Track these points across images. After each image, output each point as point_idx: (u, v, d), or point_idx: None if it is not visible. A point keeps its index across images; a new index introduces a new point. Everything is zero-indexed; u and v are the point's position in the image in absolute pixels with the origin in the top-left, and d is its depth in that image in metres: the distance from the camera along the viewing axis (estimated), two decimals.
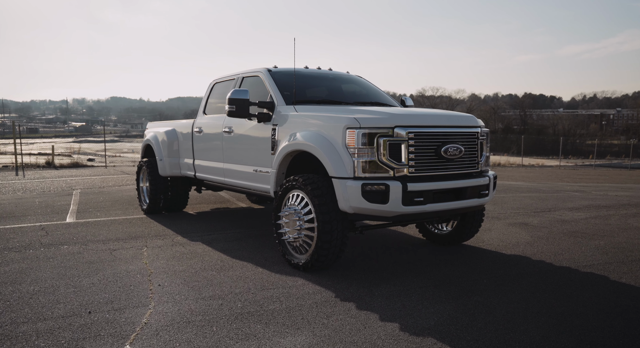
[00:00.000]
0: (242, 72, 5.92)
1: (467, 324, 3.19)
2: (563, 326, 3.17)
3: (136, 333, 3.06)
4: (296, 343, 2.91)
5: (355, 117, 4.04)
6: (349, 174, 4.01)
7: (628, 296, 3.78)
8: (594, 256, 4.98)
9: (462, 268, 4.52)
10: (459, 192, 4.29)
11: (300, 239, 4.31)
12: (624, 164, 37.01)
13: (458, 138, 4.32)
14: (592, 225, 6.70)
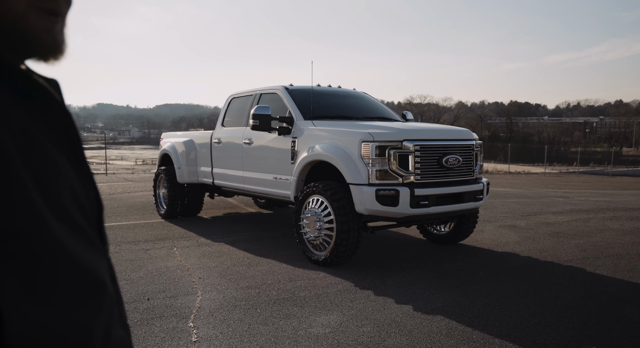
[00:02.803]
0: (260, 89, 6.56)
1: (468, 306, 3.85)
2: (547, 306, 3.84)
3: (194, 314, 3.66)
4: (330, 320, 3.54)
5: (370, 132, 4.70)
6: (364, 181, 4.66)
7: (601, 283, 4.47)
8: (574, 252, 5.68)
9: (460, 262, 5.18)
10: (458, 196, 4.96)
11: (320, 238, 4.94)
12: (605, 171, 38.21)
13: (457, 150, 5.00)
14: (573, 227, 7.43)
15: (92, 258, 0.80)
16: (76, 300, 0.71)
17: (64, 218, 0.73)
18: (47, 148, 0.74)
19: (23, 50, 0.77)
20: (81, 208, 0.79)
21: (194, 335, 3.29)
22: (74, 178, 0.79)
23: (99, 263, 0.81)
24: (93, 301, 0.75)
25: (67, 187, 0.76)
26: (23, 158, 0.68)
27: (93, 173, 0.85)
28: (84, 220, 0.79)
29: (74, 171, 0.80)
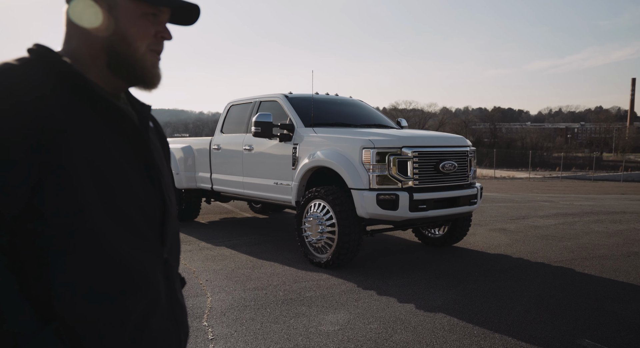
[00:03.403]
0: (259, 97, 6.74)
1: (467, 304, 4.06)
2: (540, 303, 4.07)
3: (206, 314, 3.81)
4: (338, 318, 3.72)
5: (370, 139, 4.91)
6: (365, 186, 4.86)
7: (589, 282, 4.72)
8: (562, 254, 5.95)
9: (456, 264, 5.41)
10: (454, 200, 5.19)
11: (322, 241, 5.12)
12: (587, 176, 39.05)
13: (452, 156, 5.23)
14: (560, 230, 7.72)
15: (141, 256, 0.99)
16: (112, 288, 0.92)
17: (119, 219, 0.94)
18: (116, 160, 0.96)
19: (136, 80, 1.02)
20: (143, 212, 1.00)
21: (210, 333, 3.45)
22: (139, 187, 1.00)
23: (148, 261, 1.00)
24: (130, 292, 0.95)
25: (131, 193, 0.97)
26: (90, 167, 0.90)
27: (163, 185, 1.05)
28: (144, 223, 0.99)
29: (141, 181, 1.00)
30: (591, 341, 3.32)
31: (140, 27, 0.99)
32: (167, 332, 1.03)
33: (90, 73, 0.99)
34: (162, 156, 1.14)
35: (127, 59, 0.99)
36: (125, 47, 0.99)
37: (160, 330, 1.01)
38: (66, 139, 0.87)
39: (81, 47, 0.99)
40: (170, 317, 1.06)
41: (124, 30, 0.98)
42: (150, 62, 1.01)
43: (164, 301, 1.03)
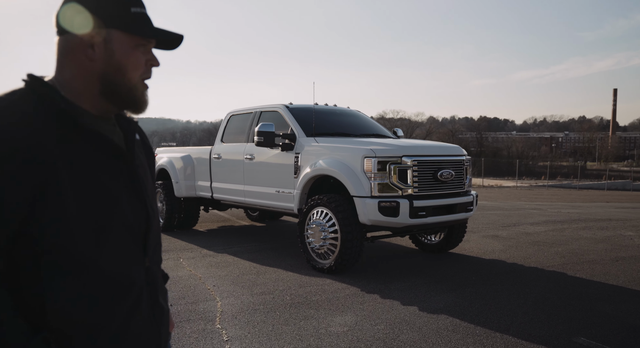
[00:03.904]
0: (260, 107, 6.91)
1: (467, 306, 4.25)
2: (537, 305, 4.27)
3: (218, 317, 3.95)
4: (346, 320, 3.88)
5: (371, 149, 5.11)
6: (367, 194, 5.05)
7: (581, 285, 4.94)
8: (554, 259, 6.18)
9: (453, 269, 5.60)
10: (451, 207, 5.39)
11: (325, 247, 5.29)
12: (573, 184, 39.73)
13: (450, 165, 5.45)
14: (551, 236, 7.97)
15: (124, 267, 1.15)
16: (95, 297, 1.07)
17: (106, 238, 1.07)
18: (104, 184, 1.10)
19: (126, 105, 1.18)
20: (129, 228, 1.15)
21: (224, 335, 3.58)
22: (127, 205, 1.15)
23: (131, 270, 1.17)
24: (113, 299, 1.09)
25: (119, 213, 1.11)
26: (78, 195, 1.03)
27: (147, 200, 1.21)
28: (129, 238, 1.15)
29: (128, 200, 1.17)
30: (586, 339, 3.52)
31: (134, 58, 1.10)
32: (147, 333, 1.16)
33: (83, 99, 1.08)
34: (146, 169, 1.26)
35: (121, 87, 1.10)
36: (121, 77, 1.09)
37: (141, 331, 1.14)
38: (56, 171, 0.97)
39: (75, 76, 1.08)
40: (151, 318, 1.18)
41: (119, 62, 1.08)
42: (140, 90, 1.15)
43: (145, 305, 1.17)
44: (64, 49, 1.08)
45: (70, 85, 1.08)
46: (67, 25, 1.07)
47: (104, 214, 1.06)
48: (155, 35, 1.12)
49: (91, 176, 1.05)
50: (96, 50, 1.07)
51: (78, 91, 1.08)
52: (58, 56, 1.09)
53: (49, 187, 0.97)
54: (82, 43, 1.06)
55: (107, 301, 1.06)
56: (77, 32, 1.06)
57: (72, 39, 1.07)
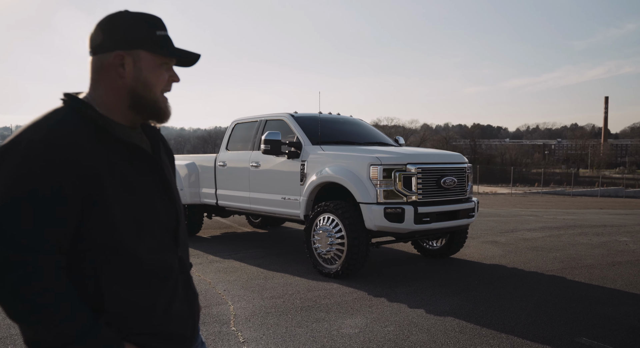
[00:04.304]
0: (265, 116, 7.07)
1: (472, 309, 4.40)
2: (539, 307, 4.43)
3: (232, 320, 4.07)
4: (356, 322, 4.01)
5: (377, 156, 5.27)
6: (373, 200, 5.20)
7: (581, 289, 5.11)
8: (553, 264, 6.35)
9: (456, 273, 5.75)
10: (454, 213, 5.56)
11: (331, 252, 5.43)
12: (566, 191, 40.09)
13: (452, 172, 5.62)
14: (548, 242, 8.15)
15: (162, 258, 1.35)
16: (147, 284, 1.26)
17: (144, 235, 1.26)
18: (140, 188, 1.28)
19: (152, 116, 1.36)
20: (163, 225, 1.34)
21: (240, 337, 3.71)
22: (160, 205, 1.35)
23: (168, 260, 1.35)
24: (156, 284, 1.29)
25: (154, 213, 1.31)
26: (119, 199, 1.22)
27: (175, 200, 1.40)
28: (164, 233, 1.34)
29: (161, 200, 1.36)
30: (588, 339, 3.68)
31: (158, 74, 1.26)
32: (184, 313, 1.35)
33: (115, 113, 1.24)
34: (170, 171, 1.44)
35: (148, 101, 1.26)
36: (147, 92, 1.25)
37: (180, 312, 1.33)
38: (100, 180, 1.13)
39: (108, 93, 1.23)
40: (186, 300, 1.37)
41: (146, 78, 1.24)
42: (163, 102, 1.32)
43: (181, 289, 1.35)
44: (98, 67, 1.24)
45: (104, 100, 1.24)
46: (100, 46, 1.23)
47: (141, 213, 1.24)
48: (176, 54, 1.29)
49: (129, 181, 1.22)
50: (126, 68, 1.22)
51: (111, 105, 1.24)
52: (92, 74, 1.25)
53: (97, 194, 1.13)
54: (113, 62, 1.22)
55: (152, 286, 1.24)
56: (110, 53, 1.22)
57: (105, 59, 1.23)
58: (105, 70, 1.23)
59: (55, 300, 1.08)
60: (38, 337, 1.09)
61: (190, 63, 1.36)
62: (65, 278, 1.11)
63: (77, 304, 1.11)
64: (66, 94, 1.23)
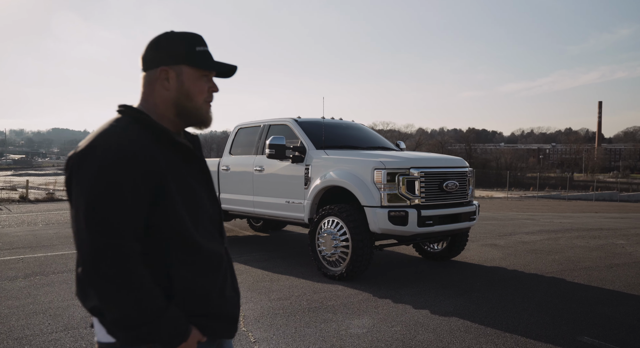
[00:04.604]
0: (268, 120, 7.17)
1: (475, 309, 4.50)
2: (541, 308, 4.54)
3: (242, 320, 4.15)
4: (363, 322, 4.11)
5: (381, 161, 5.38)
6: (377, 204, 5.31)
7: (580, 290, 5.22)
8: (552, 266, 6.47)
9: (458, 275, 5.86)
10: (456, 217, 5.67)
11: (336, 255, 5.52)
12: (562, 195, 40.35)
13: (454, 176, 5.73)
14: (547, 245, 8.28)
15: (214, 246, 1.52)
16: (205, 269, 1.42)
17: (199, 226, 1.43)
18: (193, 186, 1.47)
19: (195, 123, 1.53)
20: (211, 219, 1.52)
21: (251, 337, 3.79)
22: (208, 201, 1.53)
23: (218, 250, 1.50)
24: (213, 271, 1.44)
25: (205, 208, 1.49)
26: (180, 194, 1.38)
27: (217, 197, 1.58)
28: (212, 226, 1.52)
29: (208, 197, 1.54)
30: (590, 338, 3.79)
31: (199, 86, 1.41)
32: (232, 297, 1.50)
33: (164, 121, 1.40)
34: None
35: (190, 109, 1.43)
36: (189, 102, 1.41)
37: (230, 295, 1.48)
38: (165, 177, 1.30)
39: (158, 104, 1.40)
40: (233, 287, 1.53)
41: (187, 90, 1.40)
42: (205, 110, 1.47)
43: (229, 276, 1.51)
44: (147, 82, 1.41)
45: (155, 110, 1.41)
46: (148, 63, 1.40)
47: (196, 208, 1.40)
48: (215, 67, 1.44)
49: (185, 179, 1.38)
50: (170, 82, 1.39)
51: (161, 114, 1.41)
52: (143, 88, 1.42)
53: (163, 188, 1.29)
54: (159, 77, 1.39)
55: (210, 272, 1.40)
56: (156, 69, 1.39)
57: (153, 74, 1.40)
58: (153, 84, 1.40)
59: (139, 282, 1.22)
60: (123, 317, 1.21)
61: (229, 74, 1.51)
62: (141, 265, 1.25)
63: (154, 287, 1.25)
64: (123, 105, 1.40)
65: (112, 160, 1.22)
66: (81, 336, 3.79)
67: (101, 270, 1.19)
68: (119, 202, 1.21)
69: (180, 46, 1.39)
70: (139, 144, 1.28)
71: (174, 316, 1.27)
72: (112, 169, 1.22)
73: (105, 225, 1.20)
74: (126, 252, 1.21)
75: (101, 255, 1.19)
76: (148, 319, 1.22)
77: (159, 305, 1.24)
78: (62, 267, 6.26)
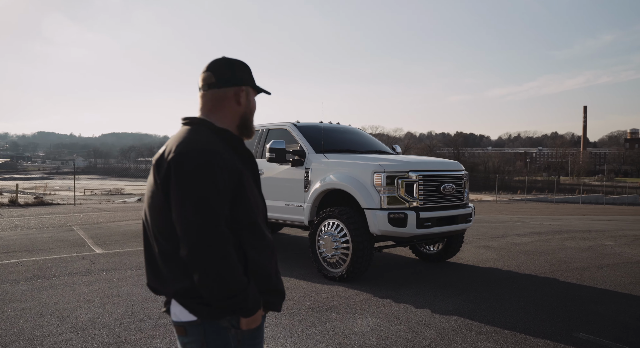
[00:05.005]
0: (267, 125, 7.27)
1: (474, 308, 4.64)
2: (537, 307, 4.70)
3: None
4: (367, 321, 4.23)
5: (380, 164, 5.52)
6: (377, 206, 5.44)
7: (573, 289, 5.40)
8: (545, 266, 6.65)
9: (455, 276, 6.01)
10: (453, 218, 5.82)
11: (336, 256, 5.64)
12: (549, 198, 40.89)
13: (451, 179, 5.89)
14: (538, 246, 8.48)
15: (270, 235, 1.78)
16: (267, 253, 1.67)
17: (260, 217, 1.70)
18: (253, 185, 1.74)
19: (248, 133, 1.86)
20: (262, 211, 1.78)
21: None
22: (261, 199, 1.80)
23: (270, 237, 1.78)
24: (272, 255, 1.71)
25: (261, 203, 1.78)
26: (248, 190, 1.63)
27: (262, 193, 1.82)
28: (262, 216, 1.77)
29: (259, 193, 1.79)
30: (585, 334, 3.95)
31: (254, 103, 1.75)
32: (280, 278, 1.74)
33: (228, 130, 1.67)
34: None
35: (249, 122, 1.74)
36: (250, 116, 1.73)
37: (279, 277, 1.71)
38: (242, 175, 1.57)
39: (226, 116, 1.67)
40: (278, 268, 1.76)
41: (251, 106, 1.73)
42: (251, 121, 1.77)
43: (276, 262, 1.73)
44: (218, 98, 1.68)
45: (221, 121, 1.68)
46: (221, 82, 1.67)
47: (257, 203, 1.65)
48: (262, 90, 1.79)
49: (249, 179, 1.63)
50: (241, 100, 1.69)
51: (227, 125, 1.69)
52: (211, 102, 1.68)
53: (241, 185, 1.57)
54: (235, 94, 1.68)
55: (271, 256, 1.65)
56: (230, 88, 1.68)
57: (225, 92, 1.68)
58: (223, 100, 1.68)
59: (234, 261, 1.48)
60: (223, 288, 1.45)
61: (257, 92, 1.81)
62: (232, 248, 1.50)
63: (239, 266, 1.50)
64: (192, 117, 1.67)
65: (206, 160, 1.48)
66: (91, 336, 3.86)
67: (210, 250, 1.43)
68: (217, 194, 1.48)
69: (246, 72, 1.71)
70: (222, 149, 1.55)
71: (252, 291, 1.52)
72: (208, 167, 1.48)
73: (210, 212, 1.45)
74: (226, 236, 1.48)
75: (210, 238, 1.44)
76: (240, 290, 1.47)
77: (245, 279, 1.50)
78: (62, 270, 6.29)
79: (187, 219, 1.45)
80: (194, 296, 1.51)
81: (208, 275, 1.44)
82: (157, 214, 1.55)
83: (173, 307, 1.57)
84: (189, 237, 1.45)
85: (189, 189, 1.46)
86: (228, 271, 1.45)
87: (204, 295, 1.49)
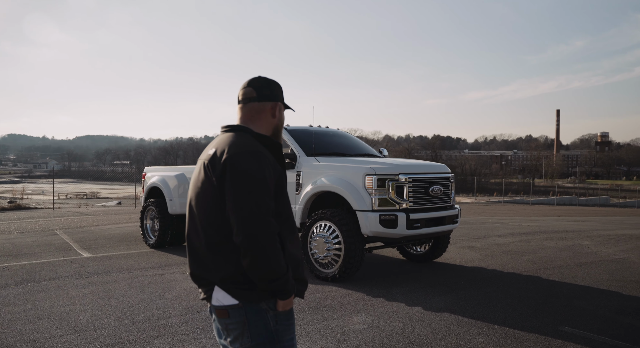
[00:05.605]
0: None
1: (463, 305, 4.83)
2: (523, 303, 4.90)
3: None
4: (362, 319, 4.36)
5: (372, 167, 5.67)
6: (369, 208, 5.59)
7: (556, 286, 5.64)
8: (527, 265, 6.90)
9: (443, 275, 6.20)
10: (441, 219, 6.01)
11: (328, 257, 5.77)
12: (525, 200, 41.77)
13: (439, 181, 6.08)
14: (519, 246, 8.76)
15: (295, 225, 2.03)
16: (298, 245, 1.92)
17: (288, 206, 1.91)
18: (284, 179, 1.95)
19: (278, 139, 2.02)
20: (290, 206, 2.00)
21: None
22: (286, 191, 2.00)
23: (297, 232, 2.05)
24: (300, 247, 1.96)
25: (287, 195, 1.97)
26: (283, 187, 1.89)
27: None
28: (290, 211, 1.97)
29: None
30: (570, 328, 4.16)
31: (284, 117, 1.98)
32: (304, 270, 2.02)
33: None
34: None
35: (280, 132, 1.99)
36: (281, 127, 1.98)
37: (304, 268, 2.08)
38: (282, 175, 1.84)
39: (262, 126, 1.92)
40: None
41: (283, 119, 1.98)
42: (281, 130, 2.01)
43: None
44: (257, 110, 1.92)
45: (260, 130, 1.93)
46: (262, 98, 1.91)
47: (289, 201, 1.89)
48: (289, 107, 2.04)
49: (284, 180, 1.87)
50: (276, 113, 1.95)
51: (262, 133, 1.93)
52: (250, 113, 1.92)
53: (281, 182, 1.82)
54: (271, 108, 1.94)
55: (299, 248, 1.89)
56: (268, 102, 1.93)
57: (263, 106, 1.92)
58: (261, 112, 1.92)
59: (280, 249, 1.70)
60: (272, 271, 1.65)
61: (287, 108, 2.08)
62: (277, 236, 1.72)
63: (281, 252, 1.71)
64: (233, 125, 1.91)
65: (256, 159, 1.73)
66: (93, 338, 3.90)
67: (262, 237, 1.64)
68: (267, 189, 1.71)
69: (280, 90, 1.98)
70: (266, 152, 1.80)
71: (290, 275, 1.74)
72: (259, 166, 1.72)
73: (262, 204, 1.68)
74: (275, 225, 1.70)
75: (263, 226, 1.65)
76: (283, 273, 1.68)
77: (286, 265, 1.71)
78: (52, 274, 6.27)
79: (243, 210, 1.66)
80: (238, 282, 1.71)
81: (259, 259, 1.64)
82: (209, 208, 1.75)
83: (216, 293, 1.75)
84: (245, 225, 1.65)
85: (244, 185, 1.67)
86: (275, 257, 1.65)
87: (252, 277, 1.68)
